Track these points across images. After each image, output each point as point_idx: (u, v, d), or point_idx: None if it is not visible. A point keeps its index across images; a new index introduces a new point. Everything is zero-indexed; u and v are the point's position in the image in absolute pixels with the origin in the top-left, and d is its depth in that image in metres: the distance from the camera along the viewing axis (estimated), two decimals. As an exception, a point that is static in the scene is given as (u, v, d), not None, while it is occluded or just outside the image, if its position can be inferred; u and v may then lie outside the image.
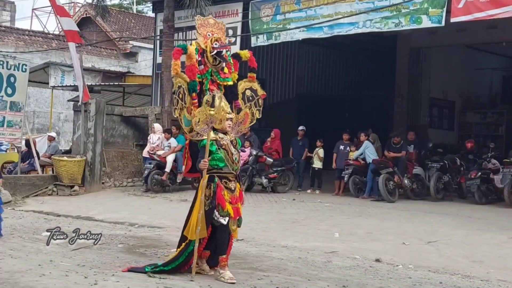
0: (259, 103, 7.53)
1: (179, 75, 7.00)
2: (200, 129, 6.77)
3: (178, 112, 7.01)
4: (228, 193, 6.81)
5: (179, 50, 7.10)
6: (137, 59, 29.91)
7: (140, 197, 14.84)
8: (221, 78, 7.25)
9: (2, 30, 27.53)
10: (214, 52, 7.12)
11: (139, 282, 6.43)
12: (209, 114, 6.70)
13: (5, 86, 15.12)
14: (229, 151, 6.85)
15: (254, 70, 7.60)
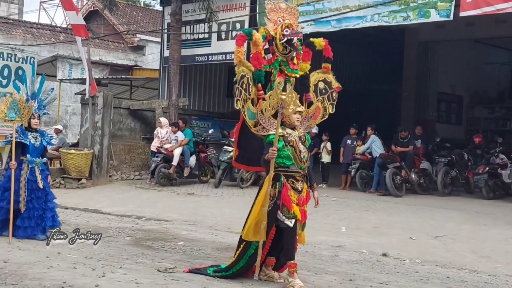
0: (333, 97, 6.93)
1: (243, 63, 6.41)
2: (264, 121, 6.26)
3: (241, 104, 6.40)
4: (294, 193, 6.22)
5: (243, 36, 6.48)
6: (145, 52, 29.93)
7: (147, 190, 14.87)
8: (290, 69, 6.63)
9: (10, 23, 27.58)
10: (284, 40, 6.50)
11: (146, 275, 6.46)
12: (280, 99, 6.14)
13: (13, 78, 15.18)
14: (297, 148, 6.26)
15: (329, 60, 7.03)
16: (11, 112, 8.39)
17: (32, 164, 8.49)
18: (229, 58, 17.58)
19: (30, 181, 8.44)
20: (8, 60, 15.15)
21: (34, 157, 8.52)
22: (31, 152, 8.50)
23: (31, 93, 8.63)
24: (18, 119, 8.42)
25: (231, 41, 17.27)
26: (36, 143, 8.58)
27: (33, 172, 8.49)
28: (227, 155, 15.18)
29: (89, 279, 6.12)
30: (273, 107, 6.17)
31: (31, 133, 8.61)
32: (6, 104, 8.42)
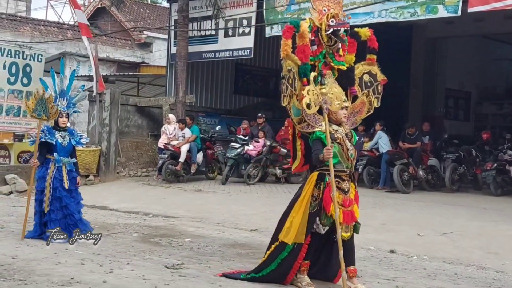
0: (378, 90, 6.60)
1: (290, 57, 6.02)
2: (309, 117, 5.87)
3: (287, 100, 6.03)
4: (340, 194, 5.87)
5: (291, 27, 6.08)
6: (152, 49, 29.94)
7: (155, 187, 14.89)
8: (336, 61, 6.26)
9: (18, 20, 27.66)
10: (330, 31, 6.16)
11: (154, 271, 6.46)
12: (320, 93, 5.76)
13: (21, 76, 15.26)
14: (345, 145, 5.94)
15: (374, 51, 6.64)
16: (39, 109, 8.14)
17: (59, 163, 8.18)
18: (236, 55, 17.61)
19: (57, 179, 8.14)
20: (16, 57, 15.21)
21: (61, 157, 8.19)
22: (58, 151, 8.19)
23: (60, 91, 8.32)
24: (45, 117, 8.19)
25: (238, 37, 17.28)
26: (63, 142, 8.26)
27: (60, 171, 8.20)
28: (234, 151, 15.20)
29: (97, 275, 6.13)
30: (315, 103, 5.79)
31: (59, 132, 8.29)
32: (34, 100, 8.18)
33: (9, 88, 15.09)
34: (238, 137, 15.93)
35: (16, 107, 15.19)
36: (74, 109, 8.55)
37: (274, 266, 5.97)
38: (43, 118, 8.18)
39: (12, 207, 11.22)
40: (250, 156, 15.31)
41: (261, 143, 15.42)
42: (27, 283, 5.68)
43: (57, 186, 8.08)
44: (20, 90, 15.26)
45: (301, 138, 6.26)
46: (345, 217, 5.86)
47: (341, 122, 6.03)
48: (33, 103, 8.14)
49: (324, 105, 5.76)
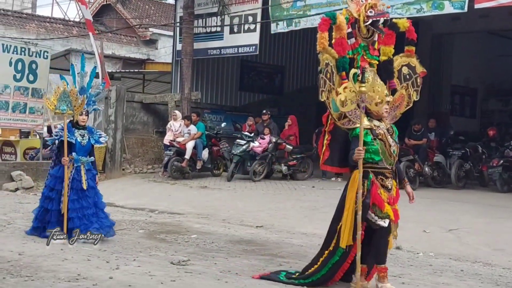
0: (418, 83, 6.33)
1: (327, 50, 5.81)
2: (350, 113, 5.67)
3: (325, 95, 5.84)
4: (384, 192, 5.71)
5: (327, 20, 5.87)
6: (157, 46, 29.97)
7: (160, 183, 14.91)
8: (370, 54, 6.06)
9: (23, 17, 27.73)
10: (369, 22, 5.94)
11: (160, 268, 6.48)
12: (359, 91, 5.50)
13: (27, 72, 15.26)
14: (387, 142, 5.73)
15: (412, 43, 6.40)
16: (62, 104, 7.81)
17: (77, 163, 7.93)
18: (241, 51, 17.59)
19: (76, 180, 7.90)
20: (22, 54, 15.22)
21: (80, 156, 7.96)
22: (77, 150, 7.95)
23: (80, 88, 8.02)
24: (70, 111, 7.87)
25: (244, 34, 17.27)
26: (83, 141, 8.03)
27: (78, 171, 7.96)
28: (239, 148, 15.19)
29: (103, 271, 6.15)
30: (351, 101, 5.55)
31: (78, 130, 8.04)
32: (56, 96, 7.87)
33: (15, 85, 15.10)
34: (243, 133, 15.93)
35: (22, 104, 15.21)
36: (94, 106, 8.28)
37: (325, 271, 5.82)
38: (69, 113, 7.89)
39: (19, 203, 11.26)
40: (255, 152, 15.31)
41: (267, 139, 15.42)
42: (34, 279, 5.70)
43: (75, 187, 7.86)
44: (26, 87, 15.27)
45: (330, 133, 6.08)
46: (394, 216, 5.74)
47: (382, 117, 5.82)
48: (55, 99, 7.88)
49: (361, 103, 5.53)
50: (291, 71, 22.80)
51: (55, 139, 8.05)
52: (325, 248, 5.91)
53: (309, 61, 23.50)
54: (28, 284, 5.52)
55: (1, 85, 14.92)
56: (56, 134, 8.12)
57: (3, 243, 7.38)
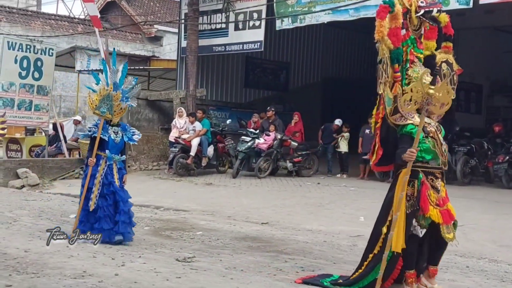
0: (454, 80, 6.02)
1: (384, 41, 5.51)
2: (408, 111, 5.43)
3: (382, 88, 5.66)
4: (434, 193, 5.41)
5: (386, 7, 5.52)
6: (162, 43, 29.99)
7: (166, 180, 14.93)
8: (417, 48, 5.81)
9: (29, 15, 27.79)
10: (421, 13, 5.69)
11: (165, 264, 6.49)
12: (426, 93, 5.23)
13: (32, 70, 15.30)
14: (438, 140, 5.50)
15: (450, 39, 6.13)
16: (103, 106, 7.64)
17: (110, 161, 7.71)
18: (246, 48, 17.58)
19: (107, 178, 7.70)
20: (27, 52, 15.26)
21: (113, 154, 7.74)
22: (110, 148, 7.72)
23: (113, 84, 7.80)
24: (109, 115, 7.68)
25: (248, 31, 17.25)
26: (116, 139, 7.80)
27: (110, 169, 7.74)
28: (244, 145, 15.19)
29: (109, 268, 6.17)
30: (416, 102, 5.28)
31: (112, 127, 7.80)
32: (100, 96, 7.68)
33: (21, 82, 15.15)
34: (248, 130, 15.93)
35: (28, 101, 15.25)
36: (128, 102, 7.94)
37: (373, 278, 5.48)
38: (107, 116, 7.69)
39: (25, 201, 11.29)
40: (260, 149, 15.31)
41: (272, 136, 15.42)
42: (40, 276, 5.72)
43: (107, 184, 7.66)
44: (31, 84, 15.31)
45: (379, 130, 5.84)
46: (443, 217, 5.40)
47: (431, 115, 5.59)
48: (98, 99, 7.69)
49: (426, 106, 5.28)
50: (296, 67, 22.78)
51: (88, 134, 7.83)
52: (369, 251, 5.64)
53: (314, 57, 23.51)
54: (34, 281, 5.54)
55: (7, 83, 14.97)
56: (90, 130, 7.85)
57: (9, 240, 7.41)
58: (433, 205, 5.36)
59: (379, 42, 5.58)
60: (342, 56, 24.74)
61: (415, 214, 5.36)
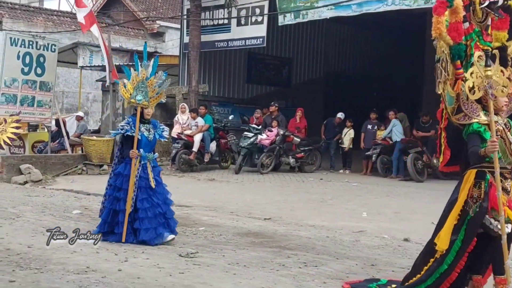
0: None
1: (443, 37, 5.22)
2: (466, 107, 5.16)
3: (441, 87, 5.39)
4: (503, 194, 5.03)
5: (443, 2, 5.24)
6: (164, 39, 29.95)
7: (168, 176, 14.90)
8: (483, 41, 5.42)
9: (31, 11, 27.77)
10: (486, 4, 5.33)
11: (168, 260, 6.50)
12: (485, 76, 4.98)
13: (34, 66, 15.29)
14: (507, 139, 5.14)
15: None
16: (139, 93, 7.30)
17: (144, 160, 7.34)
18: (249, 44, 17.58)
19: (142, 178, 7.32)
20: (30, 48, 15.25)
21: (146, 152, 7.39)
22: (143, 146, 7.37)
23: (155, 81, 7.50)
24: (145, 103, 7.35)
25: (251, 26, 17.24)
26: (149, 136, 7.46)
27: (145, 168, 7.37)
28: (247, 141, 15.19)
29: (112, 264, 6.17)
30: (479, 88, 5.03)
31: (144, 124, 7.46)
32: (134, 83, 7.33)
33: (23, 78, 15.15)
34: (251, 126, 15.93)
35: (30, 97, 15.25)
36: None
37: (431, 282, 5.21)
38: (143, 104, 7.36)
39: (27, 196, 11.30)
40: (263, 145, 15.30)
41: (274, 132, 15.41)
42: (43, 272, 5.73)
43: (142, 186, 7.30)
44: (34, 80, 15.32)
45: (445, 129, 5.52)
46: None
47: (499, 111, 5.24)
48: (131, 87, 7.36)
49: (489, 90, 5.01)
50: (298, 63, 22.76)
51: (120, 132, 7.48)
52: (429, 255, 5.30)
53: (317, 53, 23.49)
54: (37, 276, 5.55)
55: (9, 79, 14.97)
56: (122, 127, 7.47)
57: (12, 236, 7.42)
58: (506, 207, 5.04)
59: (436, 39, 5.35)
60: (344, 51, 24.72)
61: (482, 216, 5.04)
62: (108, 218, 7.44)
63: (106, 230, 7.40)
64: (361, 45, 25.06)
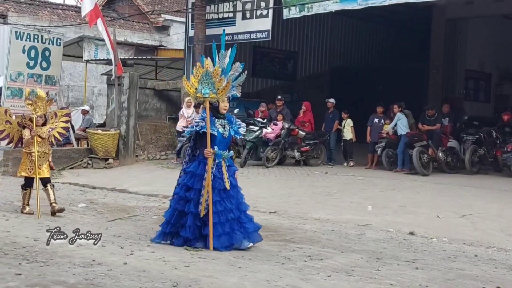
0: None
1: None
2: None
3: None
4: None
5: None
6: (169, 32, 29.94)
7: (173, 170, 14.92)
8: None
9: (36, 5, 27.78)
10: None
11: (174, 253, 6.51)
12: None
13: (40, 60, 15.33)
14: None
15: None
16: (204, 86, 6.74)
17: (219, 158, 6.80)
18: (254, 37, 17.53)
19: (217, 178, 6.78)
20: (35, 42, 15.28)
21: (221, 150, 6.84)
22: (218, 143, 6.82)
23: (221, 70, 6.92)
24: (213, 95, 6.77)
25: (256, 20, 17.20)
26: (225, 133, 6.90)
27: (219, 168, 6.83)
28: (252, 134, 15.18)
29: (118, 257, 6.19)
30: None
31: (219, 120, 6.93)
32: (197, 77, 6.80)
33: (29, 72, 15.19)
34: (256, 120, 15.91)
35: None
36: (233, 92, 7.08)
37: None
38: (211, 97, 6.79)
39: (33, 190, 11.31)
40: (268, 139, 15.30)
41: (280, 125, 15.40)
42: (49, 265, 5.75)
43: (215, 187, 6.77)
44: (39, 74, 15.36)
45: None
46: None
47: None
48: (196, 81, 6.83)
49: None
50: (303, 56, 22.71)
51: (194, 129, 6.88)
52: None
53: (322, 46, 23.43)
54: (43, 269, 5.57)
55: (15, 72, 15.01)
56: (197, 124, 6.89)
57: (18, 230, 7.45)
58: None
59: None
60: (349, 45, 24.64)
61: None
62: (172, 218, 6.91)
63: (169, 231, 6.95)
64: (366, 39, 24.98)
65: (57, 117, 9.00)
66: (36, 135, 8.61)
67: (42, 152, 8.73)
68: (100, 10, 17.61)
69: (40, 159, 8.71)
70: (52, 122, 8.91)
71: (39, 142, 8.68)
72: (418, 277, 6.01)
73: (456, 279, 6.02)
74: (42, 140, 8.72)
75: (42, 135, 8.70)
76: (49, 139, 8.84)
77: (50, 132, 8.81)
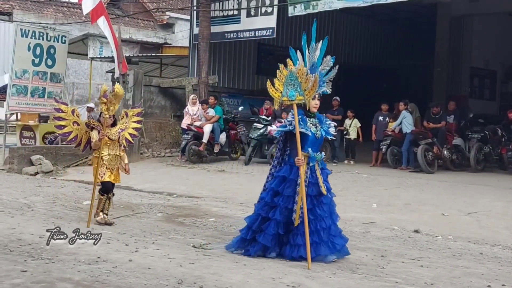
0: None
1: None
2: None
3: None
4: None
5: None
6: (174, 30, 29.98)
7: (178, 167, 14.96)
8: None
9: (41, 2, 27.85)
10: None
11: (179, 250, 6.52)
12: None
13: (45, 57, 15.36)
14: None
15: None
16: (290, 89, 6.28)
17: (313, 161, 6.27)
18: (259, 35, 17.53)
19: (311, 183, 6.27)
20: (40, 39, 15.32)
21: (314, 152, 6.31)
22: (311, 144, 6.30)
23: (310, 65, 6.45)
24: (300, 97, 6.27)
25: (261, 17, 17.19)
26: (317, 133, 6.38)
27: (313, 172, 6.30)
28: (257, 132, 15.18)
29: (123, 254, 6.20)
30: None
31: (310, 119, 6.43)
32: (281, 80, 6.38)
33: (34, 69, 15.23)
34: (261, 117, 15.91)
35: (41, 89, 15.33)
36: (323, 88, 6.57)
37: None
38: (298, 99, 6.29)
39: (39, 187, 11.37)
40: (273, 136, 15.28)
41: (284, 123, 15.36)
42: (55, 262, 5.76)
43: (310, 193, 6.25)
44: (44, 71, 15.39)
45: None
46: None
47: None
48: (280, 84, 6.41)
49: None
50: (308, 54, 22.66)
51: (285, 129, 6.39)
52: None
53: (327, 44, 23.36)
54: (49, 266, 5.59)
55: (20, 70, 15.04)
56: (290, 122, 6.37)
57: (24, 226, 7.46)
58: None
59: None
60: (354, 42, 24.59)
61: None
62: (254, 225, 6.42)
63: (249, 238, 6.45)
64: (371, 36, 24.93)
65: (128, 117, 8.29)
66: (105, 137, 7.88)
67: (113, 155, 8.01)
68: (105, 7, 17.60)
69: (111, 162, 8.03)
70: (123, 122, 8.23)
71: (109, 144, 7.95)
72: (423, 274, 6.01)
73: (461, 277, 6.01)
74: (112, 142, 7.97)
75: (111, 137, 7.97)
76: (120, 141, 8.09)
77: (120, 133, 8.08)
